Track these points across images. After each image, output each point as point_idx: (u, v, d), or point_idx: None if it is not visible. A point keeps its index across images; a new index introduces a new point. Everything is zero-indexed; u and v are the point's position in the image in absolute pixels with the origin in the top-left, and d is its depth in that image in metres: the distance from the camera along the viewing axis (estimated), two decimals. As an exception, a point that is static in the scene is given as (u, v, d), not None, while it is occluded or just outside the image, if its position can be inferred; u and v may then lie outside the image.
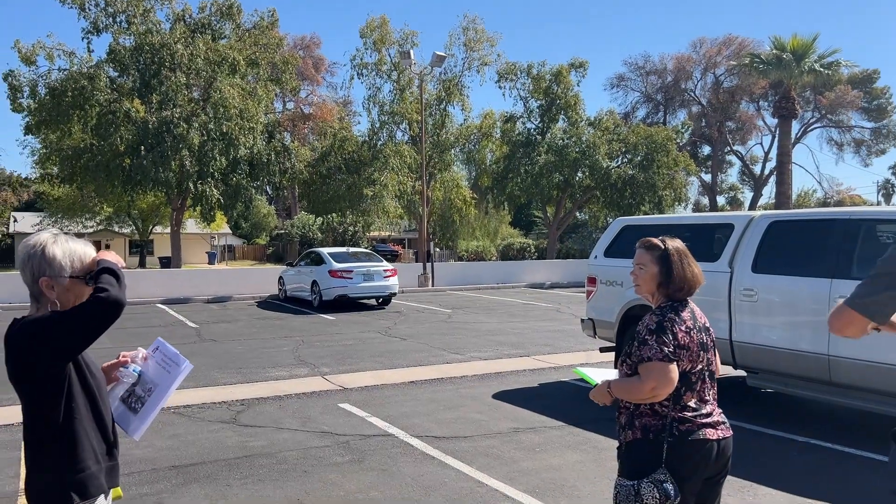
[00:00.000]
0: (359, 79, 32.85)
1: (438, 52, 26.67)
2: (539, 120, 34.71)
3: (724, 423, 2.86)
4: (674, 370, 2.72)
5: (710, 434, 2.77)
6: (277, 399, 7.98)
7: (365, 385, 8.68)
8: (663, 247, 2.93)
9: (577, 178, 34.27)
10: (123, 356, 2.64)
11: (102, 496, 2.36)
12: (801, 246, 6.73)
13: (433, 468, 5.54)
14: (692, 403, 2.79)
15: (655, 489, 2.67)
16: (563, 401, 7.87)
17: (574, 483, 5.18)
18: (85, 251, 2.39)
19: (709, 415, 2.81)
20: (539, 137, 34.19)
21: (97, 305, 2.21)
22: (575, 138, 33.68)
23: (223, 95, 25.57)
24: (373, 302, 19.00)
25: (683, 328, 2.79)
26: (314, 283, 18.26)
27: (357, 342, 12.25)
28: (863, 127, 54.50)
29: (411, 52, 28.90)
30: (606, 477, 5.27)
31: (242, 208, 28.83)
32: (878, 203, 59.72)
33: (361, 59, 32.37)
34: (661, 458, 2.71)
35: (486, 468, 5.51)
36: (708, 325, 2.93)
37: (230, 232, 55.32)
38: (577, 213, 42.58)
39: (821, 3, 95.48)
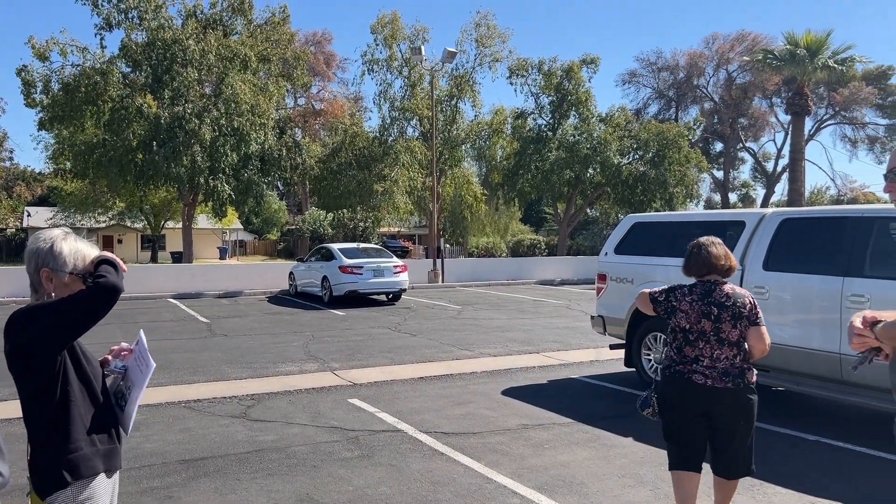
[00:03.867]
0: (369, 75, 32.91)
1: (450, 49, 26.61)
2: (550, 116, 34.59)
3: (722, 377, 3.78)
4: (647, 300, 4.01)
5: (697, 378, 3.81)
6: (287, 394, 8.01)
7: (374, 380, 8.70)
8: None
9: (588, 175, 34.16)
10: (112, 350, 2.69)
11: (102, 476, 2.44)
12: (813, 244, 6.68)
13: (442, 464, 5.55)
14: (690, 355, 3.86)
15: (648, 399, 4.02)
16: (572, 398, 7.86)
17: (583, 480, 5.18)
18: (89, 252, 2.48)
19: (707, 367, 3.81)
20: (550, 134, 34.06)
21: (95, 290, 2.31)
22: (586, 134, 33.55)
23: (234, 91, 25.66)
24: (383, 298, 19.03)
25: (688, 298, 3.87)
26: (324, 278, 18.31)
27: (367, 338, 12.27)
28: (877, 124, 53.95)
29: (422, 48, 28.94)
30: (615, 474, 5.27)
31: (254, 204, 28.96)
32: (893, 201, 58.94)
33: (372, 55, 32.40)
34: (660, 384, 3.99)
35: (494, 464, 5.52)
36: (730, 303, 3.82)
37: (241, 227, 55.47)
38: (588, 210, 42.45)
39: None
